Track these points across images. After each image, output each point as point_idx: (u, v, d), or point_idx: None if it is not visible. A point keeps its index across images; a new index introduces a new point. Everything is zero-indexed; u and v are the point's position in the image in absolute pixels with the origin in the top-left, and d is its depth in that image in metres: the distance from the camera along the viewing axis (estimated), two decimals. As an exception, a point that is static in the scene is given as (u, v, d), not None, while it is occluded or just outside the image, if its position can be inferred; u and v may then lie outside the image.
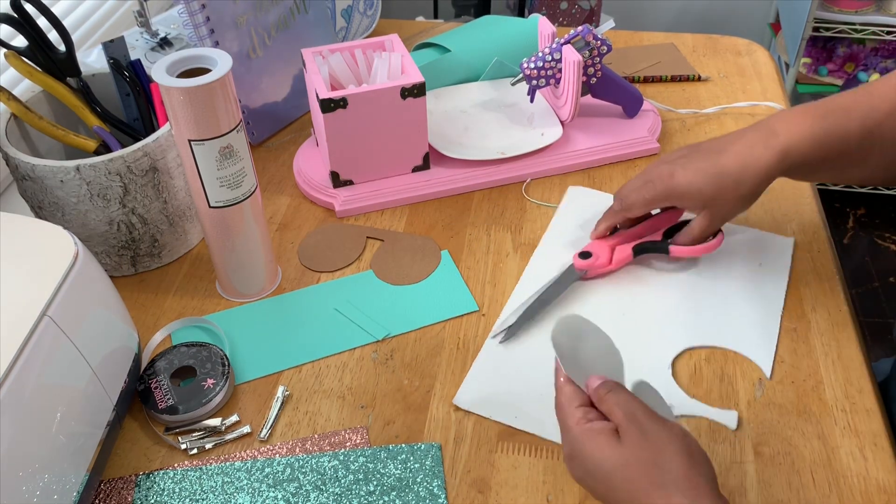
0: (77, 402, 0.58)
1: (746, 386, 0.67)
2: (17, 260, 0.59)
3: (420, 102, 0.84)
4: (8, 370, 0.51)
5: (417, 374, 0.70)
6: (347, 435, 0.64)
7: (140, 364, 0.69)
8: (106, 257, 0.78)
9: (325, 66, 0.86)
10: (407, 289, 0.78)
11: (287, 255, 0.83)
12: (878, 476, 0.60)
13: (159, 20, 1.01)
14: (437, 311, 0.75)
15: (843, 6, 2.05)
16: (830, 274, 0.77)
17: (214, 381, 0.67)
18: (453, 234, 0.84)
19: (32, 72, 0.78)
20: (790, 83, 2.12)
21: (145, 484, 0.62)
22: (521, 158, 0.91)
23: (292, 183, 0.92)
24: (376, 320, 0.74)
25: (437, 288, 0.77)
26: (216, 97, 0.64)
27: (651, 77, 1.08)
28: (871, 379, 0.67)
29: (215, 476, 0.62)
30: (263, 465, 0.63)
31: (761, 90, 1.06)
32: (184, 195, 0.80)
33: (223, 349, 0.70)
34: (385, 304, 0.76)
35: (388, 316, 0.75)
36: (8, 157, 0.73)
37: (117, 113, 0.84)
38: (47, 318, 0.55)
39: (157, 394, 0.66)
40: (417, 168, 0.90)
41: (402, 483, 0.60)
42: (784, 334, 0.71)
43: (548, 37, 0.92)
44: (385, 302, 0.76)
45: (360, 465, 0.62)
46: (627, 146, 0.93)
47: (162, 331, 0.74)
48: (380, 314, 0.75)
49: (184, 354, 0.69)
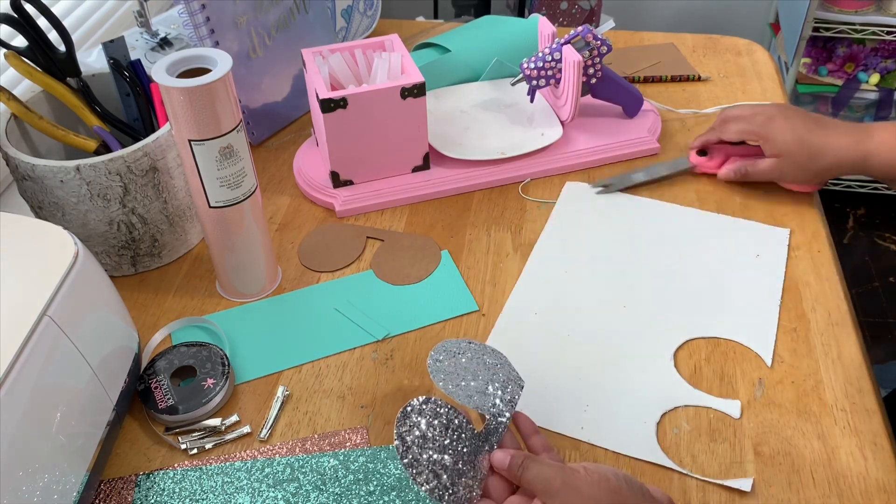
0: (77, 402, 0.58)
1: (746, 386, 0.67)
2: (17, 260, 0.59)
3: (420, 102, 0.84)
4: (8, 370, 0.51)
5: (417, 374, 0.70)
6: (347, 435, 0.64)
7: (140, 364, 0.69)
8: (106, 257, 0.78)
9: (325, 66, 0.86)
10: (407, 289, 0.78)
11: (287, 255, 0.83)
12: (878, 476, 0.60)
13: (159, 20, 1.01)
14: (438, 311, 0.75)
15: (843, 6, 2.05)
16: (830, 274, 0.77)
17: (214, 381, 0.67)
18: (453, 234, 0.84)
19: (32, 72, 0.78)
20: (790, 83, 2.12)
21: (145, 484, 0.62)
22: (521, 158, 0.91)
23: (292, 183, 0.92)
24: (376, 320, 0.74)
25: (438, 288, 0.77)
26: (216, 97, 0.64)
27: (651, 77, 1.08)
28: (871, 379, 0.67)
29: (215, 476, 0.62)
30: (263, 464, 0.62)
31: (761, 90, 1.06)
32: (184, 195, 0.80)
33: (223, 349, 0.70)
34: (385, 304, 0.76)
35: (388, 316, 0.75)
36: (8, 157, 0.73)
37: (117, 113, 0.84)
38: (47, 318, 0.55)
39: (157, 393, 0.66)
40: (417, 168, 0.90)
41: (401, 483, 0.60)
42: (784, 334, 0.71)
43: (548, 37, 0.92)
44: (385, 302, 0.76)
45: (360, 464, 0.62)
46: (627, 146, 0.93)
47: (162, 330, 0.74)
48: (380, 314, 0.75)
49: (184, 354, 0.69)
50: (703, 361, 0.70)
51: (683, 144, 0.96)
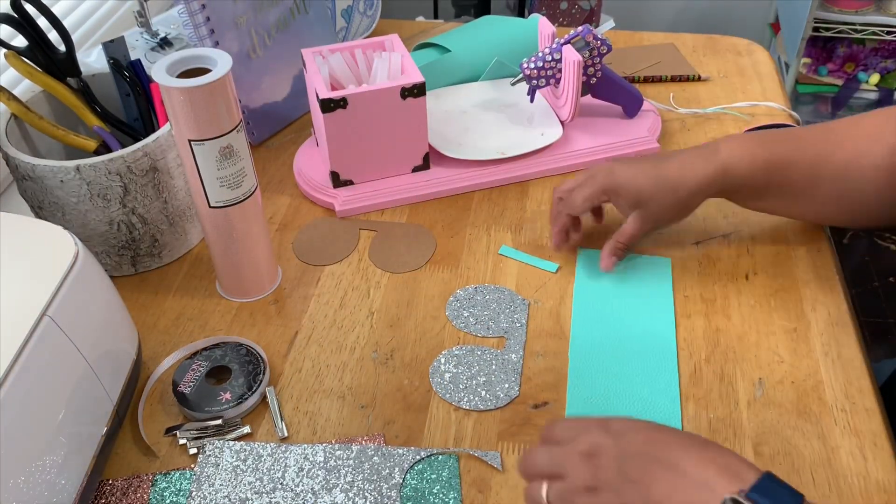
0: (77, 402, 0.58)
1: (746, 386, 0.67)
2: (17, 260, 0.59)
3: (420, 102, 0.84)
4: (8, 370, 0.51)
5: (417, 374, 0.70)
6: (364, 442, 0.64)
7: (140, 364, 0.69)
8: (106, 257, 0.78)
9: (325, 66, 0.86)
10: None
11: (287, 254, 0.83)
12: (878, 476, 0.60)
13: (159, 20, 1.01)
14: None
15: (843, 6, 2.05)
16: (830, 274, 0.77)
17: (232, 396, 0.66)
18: (453, 234, 0.84)
19: (32, 72, 0.78)
20: (790, 83, 2.12)
21: (162, 483, 0.61)
22: (521, 158, 0.91)
23: (292, 183, 0.92)
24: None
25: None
26: (216, 97, 0.64)
27: (651, 77, 1.08)
28: (871, 379, 0.67)
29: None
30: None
31: (761, 90, 1.06)
32: (184, 195, 0.80)
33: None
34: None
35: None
36: (8, 157, 0.73)
37: (117, 113, 0.84)
38: (47, 318, 0.55)
39: (188, 376, 0.67)
40: (417, 168, 0.90)
41: (418, 493, 0.60)
42: (784, 334, 0.71)
43: (548, 37, 0.92)
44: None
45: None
46: (627, 146, 0.93)
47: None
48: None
49: (234, 356, 0.70)
50: (702, 361, 0.70)
51: (683, 144, 0.96)
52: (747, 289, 0.76)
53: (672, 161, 0.73)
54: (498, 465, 0.62)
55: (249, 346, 0.71)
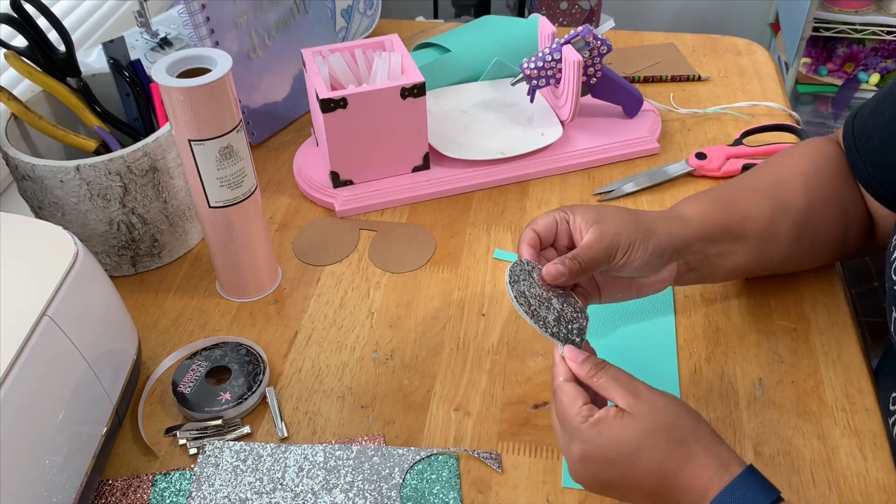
0: (77, 402, 0.58)
1: (746, 386, 0.67)
2: (17, 260, 0.59)
3: (420, 102, 0.84)
4: (8, 370, 0.51)
5: (417, 374, 0.70)
6: (364, 442, 0.64)
7: (140, 364, 0.69)
8: (106, 257, 0.78)
9: (325, 66, 0.86)
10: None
11: (287, 254, 0.83)
12: (877, 476, 0.60)
13: (159, 20, 1.01)
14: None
15: (843, 6, 2.05)
16: (830, 274, 0.77)
17: (231, 396, 0.66)
18: (453, 234, 0.84)
19: (32, 72, 0.78)
20: (790, 83, 2.12)
21: (161, 483, 0.61)
22: (521, 158, 0.91)
23: (292, 183, 0.92)
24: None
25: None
26: (216, 97, 0.64)
27: (651, 77, 1.08)
28: (871, 379, 0.68)
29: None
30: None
31: (761, 90, 1.06)
32: (184, 195, 0.80)
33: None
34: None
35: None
36: (8, 157, 0.73)
37: (117, 113, 0.84)
38: (47, 318, 0.55)
39: (188, 376, 0.67)
40: (417, 168, 0.90)
41: (418, 493, 0.60)
42: (784, 334, 0.71)
43: (548, 37, 0.92)
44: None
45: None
46: (627, 146, 0.93)
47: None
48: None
49: (234, 356, 0.70)
50: (703, 361, 0.70)
51: (683, 144, 0.96)
52: (747, 289, 0.76)
53: (638, 212, 0.64)
54: (498, 465, 0.62)
55: (249, 346, 0.71)
